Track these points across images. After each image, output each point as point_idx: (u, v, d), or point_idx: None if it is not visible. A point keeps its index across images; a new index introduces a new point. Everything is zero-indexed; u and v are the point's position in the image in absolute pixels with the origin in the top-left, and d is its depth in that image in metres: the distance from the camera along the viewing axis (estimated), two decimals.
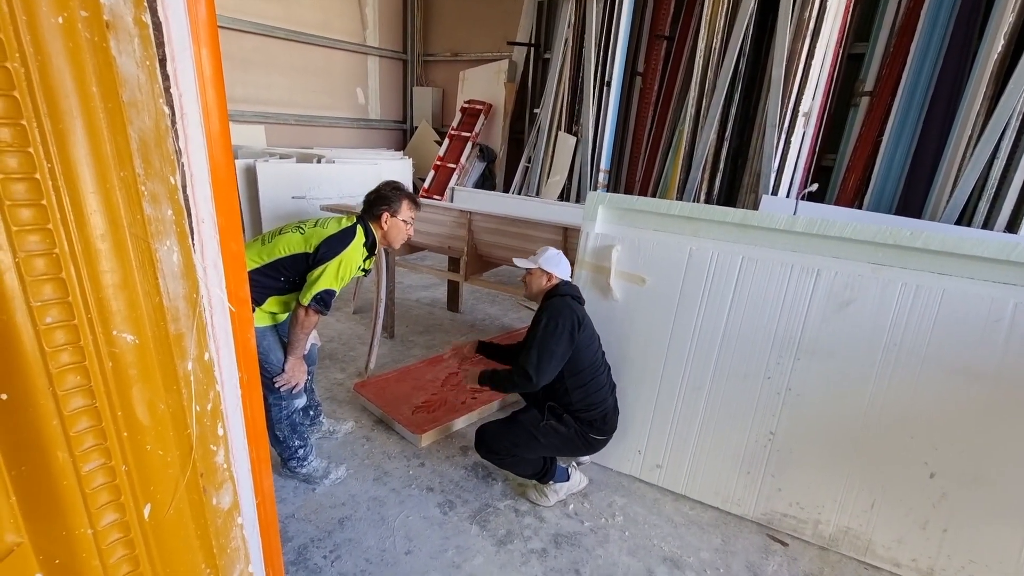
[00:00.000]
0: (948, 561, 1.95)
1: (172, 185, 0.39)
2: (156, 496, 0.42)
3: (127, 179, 0.36)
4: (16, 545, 0.36)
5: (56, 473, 0.37)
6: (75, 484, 0.38)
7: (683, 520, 2.25)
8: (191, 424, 0.44)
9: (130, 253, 0.38)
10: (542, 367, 2.00)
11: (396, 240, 2.29)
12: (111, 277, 0.37)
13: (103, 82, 0.34)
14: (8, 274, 0.33)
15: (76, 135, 0.32)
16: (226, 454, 0.49)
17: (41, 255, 0.34)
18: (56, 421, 0.36)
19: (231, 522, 0.50)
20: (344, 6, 8.22)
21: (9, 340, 0.33)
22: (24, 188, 0.32)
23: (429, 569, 1.92)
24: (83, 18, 0.33)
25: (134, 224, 0.38)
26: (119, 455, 0.39)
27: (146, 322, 0.39)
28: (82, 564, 0.39)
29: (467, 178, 7.72)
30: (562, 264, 2.23)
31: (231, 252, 0.71)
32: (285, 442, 2.24)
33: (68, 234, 0.34)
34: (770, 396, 2.18)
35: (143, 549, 0.42)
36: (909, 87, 4.47)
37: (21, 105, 0.31)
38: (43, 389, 0.35)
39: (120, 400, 0.39)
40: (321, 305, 2.05)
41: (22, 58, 0.30)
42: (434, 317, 4.43)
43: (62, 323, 0.35)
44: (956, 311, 1.88)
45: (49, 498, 0.37)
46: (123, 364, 0.39)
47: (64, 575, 0.38)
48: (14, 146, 0.31)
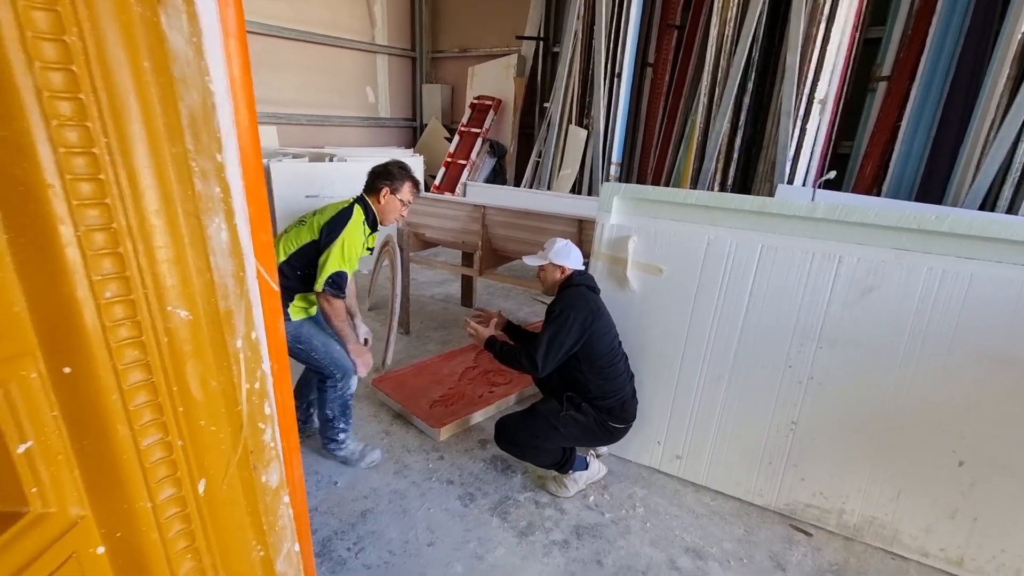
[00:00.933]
0: (979, 551, 1.92)
1: (219, 163, 0.40)
2: (210, 472, 0.43)
3: (178, 155, 0.36)
4: (80, 518, 0.36)
5: (117, 447, 0.38)
6: (135, 458, 0.38)
7: (705, 511, 2.24)
8: (242, 401, 0.44)
9: (182, 229, 0.38)
10: (549, 357, 2.03)
11: (388, 217, 2.34)
12: (165, 253, 0.38)
13: (155, 57, 0.34)
14: (70, 248, 0.33)
15: (130, 110, 0.32)
16: (273, 433, 0.50)
17: (100, 229, 0.34)
18: (116, 395, 0.37)
19: (278, 500, 0.50)
20: (352, 5, 8.24)
21: (72, 313, 0.34)
22: (84, 162, 0.32)
23: (452, 560, 1.93)
24: None
25: (186, 200, 0.38)
26: (175, 430, 0.40)
27: (198, 298, 0.40)
28: (142, 538, 0.40)
29: (478, 174, 7.71)
30: (572, 254, 2.22)
31: (261, 242, 0.71)
32: (333, 421, 2.31)
33: (124, 209, 0.34)
34: (792, 385, 2.16)
35: (199, 524, 0.42)
36: (928, 70, 4.38)
37: (79, 79, 0.31)
38: (104, 363, 0.36)
39: (175, 376, 0.40)
40: (335, 288, 2.10)
41: (79, 31, 0.30)
42: (449, 313, 4.44)
43: (120, 298, 0.36)
44: (984, 295, 1.84)
45: (111, 472, 0.38)
46: (177, 340, 0.39)
47: (125, 548, 0.39)
48: (74, 120, 0.31)
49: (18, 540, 0.33)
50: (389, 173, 2.31)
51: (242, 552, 0.47)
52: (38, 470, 0.35)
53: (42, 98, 0.30)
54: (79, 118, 0.31)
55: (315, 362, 2.23)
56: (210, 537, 0.43)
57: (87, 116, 0.31)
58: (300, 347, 2.18)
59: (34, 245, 0.32)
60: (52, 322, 0.33)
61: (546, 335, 2.04)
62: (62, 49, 0.30)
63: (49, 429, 0.35)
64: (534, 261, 2.26)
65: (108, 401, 0.36)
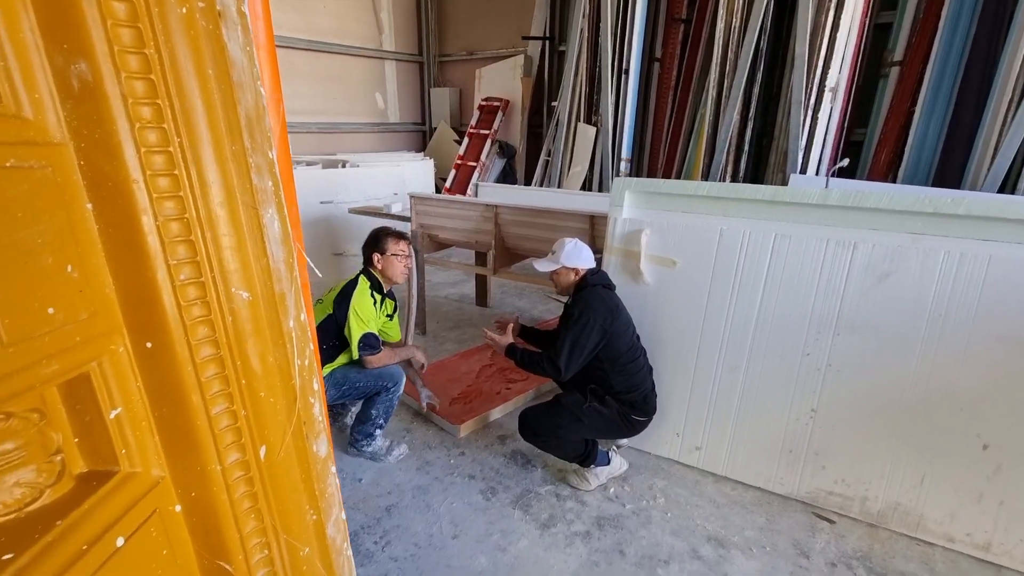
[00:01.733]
0: (1006, 535, 1.90)
1: (271, 159, 0.44)
2: (269, 439, 0.46)
3: (237, 152, 0.40)
4: (160, 479, 0.41)
5: (191, 414, 0.42)
6: (206, 425, 0.42)
7: (725, 500, 2.25)
8: (295, 376, 0.48)
9: (242, 219, 0.42)
10: (572, 360, 2.06)
11: (395, 275, 2.51)
12: (228, 240, 0.42)
13: (217, 64, 0.38)
14: (151, 236, 0.37)
15: (198, 112, 0.36)
16: (321, 407, 0.54)
17: (175, 219, 0.38)
18: (190, 368, 0.41)
19: (327, 470, 0.54)
20: (360, 12, 8.35)
21: (153, 295, 0.38)
22: (161, 160, 0.36)
23: (476, 552, 1.97)
24: (200, 9, 0.37)
25: (244, 192, 0.42)
26: (239, 401, 0.44)
27: (257, 281, 0.44)
28: (213, 498, 0.44)
29: (488, 175, 7.76)
30: (583, 253, 2.22)
31: (297, 235, 0.76)
32: (373, 420, 2.44)
33: (194, 201, 0.38)
34: (810, 373, 2.16)
35: (260, 487, 0.46)
36: (941, 54, 4.32)
37: (157, 86, 0.35)
38: (180, 339, 0.40)
39: (238, 351, 0.44)
40: (369, 349, 2.36)
41: (156, 44, 0.34)
42: (463, 313, 4.49)
43: (193, 280, 0.40)
44: (1004, 277, 1.83)
45: (185, 437, 0.42)
46: (240, 319, 0.43)
47: (198, 507, 0.43)
48: (153, 122, 0.35)
49: (112, 495, 0.37)
50: (373, 241, 2.51)
51: (297, 515, 0.51)
52: (126, 434, 0.39)
53: (127, 104, 0.34)
54: (157, 121, 0.35)
55: (366, 389, 2.41)
56: (271, 500, 0.47)
57: (163, 119, 0.35)
58: (346, 388, 2.39)
59: (122, 234, 0.36)
60: (136, 302, 0.37)
61: (567, 340, 2.06)
62: (143, 61, 0.34)
63: (134, 398, 0.39)
64: (546, 267, 2.26)
65: (184, 373, 0.41)
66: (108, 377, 0.37)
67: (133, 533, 0.37)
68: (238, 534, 0.46)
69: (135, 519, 0.38)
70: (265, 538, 0.48)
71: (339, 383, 2.36)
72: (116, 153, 0.35)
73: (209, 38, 0.37)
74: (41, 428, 0.33)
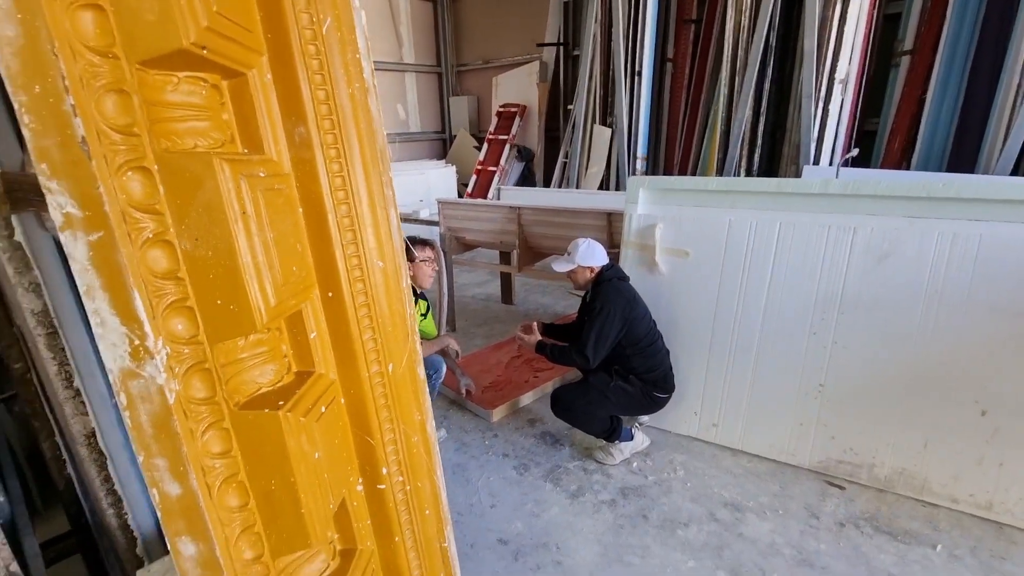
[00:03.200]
0: (1006, 494, 2.03)
1: (389, 177, 0.67)
2: (395, 359, 0.69)
3: (376, 173, 0.64)
4: (334, 380, 0.64)
5: (351, 339, 0.65)
6: (360, 346, 0.66)
7: (741, 471, 2.42)
8: (408, 319, 0.71)
9: (378, 214, 0.65)
10: (598, 349, 2.28)
11: (423, 279, 2.73)
12: (371, 229, 0.65)
13: (366, 118, 0.61)
14: (333, 227, 0.61)
15: (355, 149, 0.59)
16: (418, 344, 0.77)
17: (345, 216, 0.62)
18: (352, 309, 0.64)
19: (425, 388, 0.77)
20: (379, 27, 8.71)
21: (332, 262, 0.62)
22: (339, 181, 0.60)
23: (513, 519, 2.19)
24: (358, 88, 0.60)
25: (380, 198, 0.65)
26: (378, 331, 0.67)
27: (386, 255, 0.67)
28: (364, 395, 0.67)
29: (508, 179, 8.01)
30: (596, 252, 2.42)
31: None
32: None
33: (354, 204, 0.61)
34: (817, 350, 2.32)
35: (390, 390, 0.69)
36: (951, 41, 4.39)
37: (337, 137, 0.59)
38: (347, 291, 0.63)
39: (376, 300, 0.67)
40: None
41: (336, 112, 0.58)
42: (490, 310, 4.73)
43: (353, 254, 0.63)
44: (994, 254, 1.97)
45: (348, 354, 0.65)
46: (377, 280, 0.66)
47: (354, 402, 0.66)
48: (335, 159, 0.59)
49: (315, 384, 0.60)
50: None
51: (409, 413, 0.74)
52: (318, 349, 0.62)
53: (323, 149, 0.58)
54: (336, 157, 0.59)
55: None
56: (395, 400, 0.70)
57: (340, 155, 0.59)
58: None
59: (316, 225, 0.60)
60: (323, 267, 0.61)
61: (593, 331, 2.27)
62: (331, 123, 0.57)
63: (322, 327, 0.62)
64: (563, 267, 2.47)
65: (348, 312, 0.64)
66: (309, 313, 0.60)
67: (329, 404, 0.60)
68: (377, 420, 0.69)
69: (327, 398, 0.61)
70: (392, 424, 0.70)
71: None
72: (315, 177, 0.58)
73: (362, 105, 0.60)
74: (278, 341, 0.57)
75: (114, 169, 0.44)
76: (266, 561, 0.55)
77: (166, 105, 0.48)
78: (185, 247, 0.49)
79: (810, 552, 1.96)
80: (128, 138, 0.45)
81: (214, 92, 0.51)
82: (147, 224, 0.47)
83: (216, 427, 0.51)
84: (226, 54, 0.49)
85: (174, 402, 0.48)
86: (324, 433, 0.59)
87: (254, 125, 0.51)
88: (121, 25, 0.44)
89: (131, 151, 0.45)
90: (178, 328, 0.49)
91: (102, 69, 0.43)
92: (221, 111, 0.52)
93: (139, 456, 0.50)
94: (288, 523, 0.54)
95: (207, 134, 0.50)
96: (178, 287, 0.48)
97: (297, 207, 0.57)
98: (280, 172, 0.54)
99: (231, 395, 0.53)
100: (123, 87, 0.44)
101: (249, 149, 0.52)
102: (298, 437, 0.54)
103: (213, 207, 0.49)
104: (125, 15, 0.44)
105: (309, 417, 0.55)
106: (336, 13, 0.55)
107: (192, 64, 0.49)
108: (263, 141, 0.52)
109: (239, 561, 0.53)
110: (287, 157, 0.55)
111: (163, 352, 0.47)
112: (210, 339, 0.51)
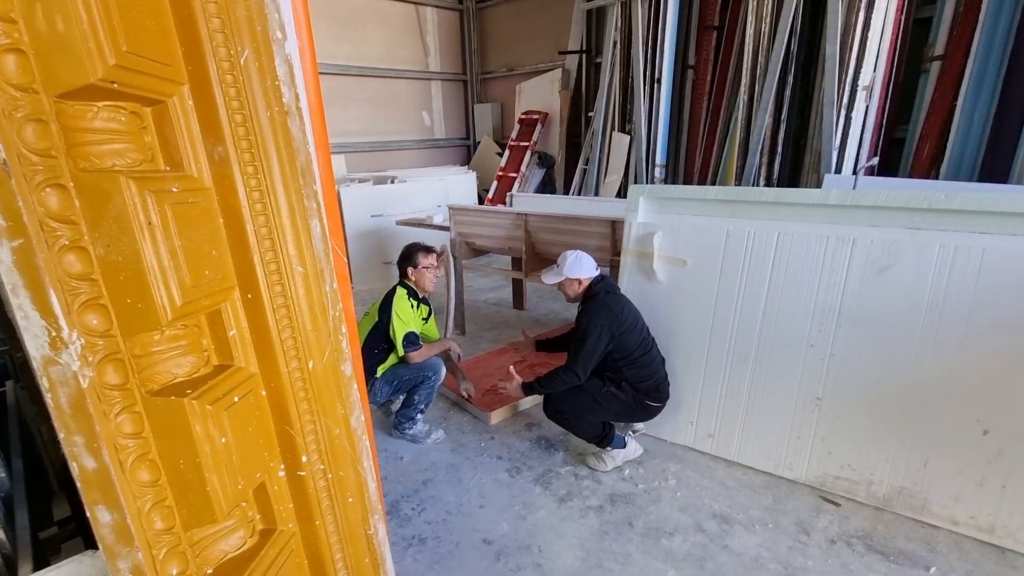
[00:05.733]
0: (1009, 517, 1.95)
1: (314, 190, 0.73)
2: (314, 356, 0.76)
3: (296, 189, 0.70)
4: (254, 373, 0.71)
5: (270, 336, 0.72)
6: (279, 343, 0.72)
7: (735, 483, 2.39)
8: (330, 320, 0.77)
9: (298, 224, 0.72)
10: (587, 366, 2.31)
11: (426, 284, 2.88)
12: (291, 239, 0.72)
13: (285, 139, 0.68)
14: (251, 235, 0.68)
15: (275, 167, 0.66)
16: (348, 343, 0.83)
17: (264, 227, 0.69)
18: (271, 309, 0.71)
19: (351, 384, 0.82)
20: (407, 38, 8.94)
21: (251, 267, 0.68)
22: (257, 195, 0.67)
23: (499, 520, 2.23)
24: (276, 111, 0.67)
25: (300, 210, 0.72)
26: (298, 330, 0.73)
27: (307, 262, 0.73)
28: (283, 389, 0.74)
29: (528, 185, 8.06)
30: (584, 264, 2.42)
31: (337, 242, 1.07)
32: (415, 405, 2.77)
33: (273, 216, 0.68)
34: (814, 363, 2.28)
35: (310, 385, 0.76)
36: (984, 45, 4.21)
37: (255, 155, 0.66)
38: (265, 293, 0.69)
39: (296, 302, 0.73)
40: (412, 345, 2.70)
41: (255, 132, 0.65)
42: (501, 315, 4.79)
43: (272, 260, 0.70)
44: (998, 267, 1.91)
45: (267, 349, 0.72)
46: (297, 284, 0.72)
47: (273, 395, 0.73)
48: (253, 175, 0.66)
49: (232, 375, 0.67)
50: (405, 257, 2.86)
51: (332, 407, 0.80)
52: (239, 345, 0.69)
53: (241, 166, 0.65)
54: (254, 174, 0.65)
55: (413, 380, 2.75)
56: (315, 395, 0.76)
57: (258, 172, 0.65)
58: (396, 383, 2.75)
59: (236, 235, 0.67)
60: (243, 271, 0.68)
61: (579, 350, 2.30)
62: (249, 143, 0.64)
63: (242, 325, 0.69)
64: (551, 279, 2.51)
65: (267, 312, 0.70)
66: (229, 312, 0.67)
67: (243, 396, 0.67)
68: (296, 412, 0.75)
69: (243, 390, 0.68)
70: (312, 417, 0.77)
71: (390, 380, 2.74)
72: (234, 191, 0.65)
73: (281, 126, 0.67)
74: (198, 336, 0.63)
75: (33, 186, 0.52)
76: (177, 532, 0.61)
77: (86, 131, 0.56)
78: (99, 253, 0.56)
79: (796, 568, 1.92)
80: (46, 160, 0.53)
81: (134, 118, 0.59)
82: (63, 232, 0.54)
83: (129, 411, 0.58)
84: (141, 86, 0.57)
85: (88, 387, 0.55)
86: (236, 420, 0.65)
87: (174, 145, 0.59)
88: (40, 65, 0.51)
89: (48, 171, 0.53)
90: (93, 323, 0.57)
91: (22, 102, 0.51)
92: (143, 134, 0.59)
93: (60, 433, 0.57)
94: (196, 499, 0.61)
95: (125, 155, 0.58)
96: (92, 287, 0.56)
97: (216, 217, 0.64)
98: (199, 187, 0.61)
99: (144, 383, 0.60)
100: (41, 117, 0.52)
101: (170, 167, 0.60)
102: (204, 423, 0.60)
103: (121, 218, 0.56)
104: (43, 57, 0.52)
105: (218, 405, 0.62)
106: (255, 45, 0.62)
107: (109, 95, 0.56)
108: (183, 159, 0.59)
109: (151, 531, 0.59)
110: (208, 173, 0.62)
111: (77, 343, 0.55)
112: (123, 333, 0.58)
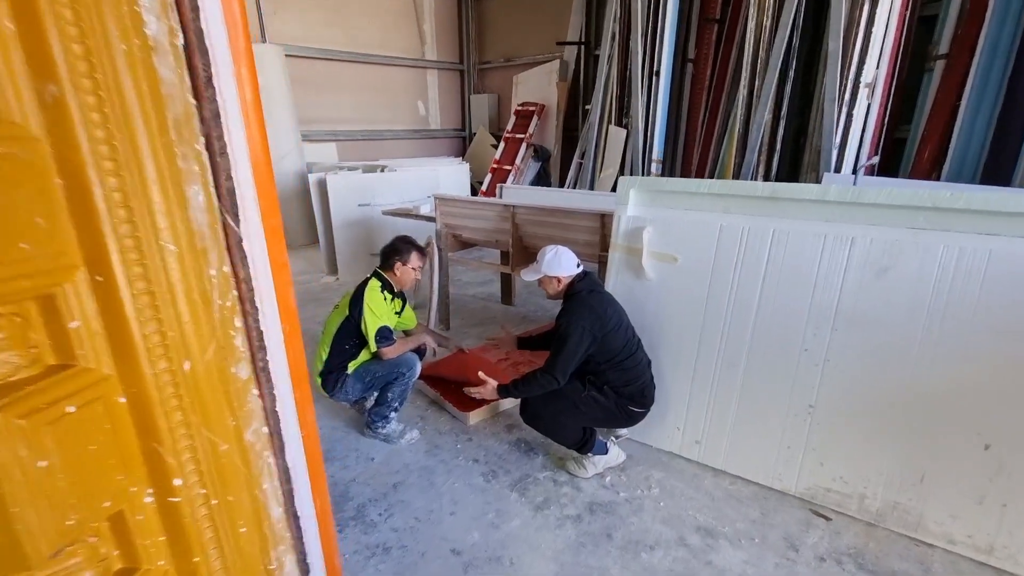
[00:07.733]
0: (1010, 538, 1.84)
1: (197, 150, 0.59)
2: (192, 356, 0.62)
3: (167, 144, 0.56)
4: (109, 375, 0.57)
5: (129, 331, 0.58)
6: (141, 339, 0.58)
7: (722, 494, 2.27)
8: (215, 312, 0.63)
9: (170, 192, 0.58)
10: (567, 369, 2.17)
11: (407, 283, 2.74)
12: (160, 206, 0.58)
13: (150, 82, 0.54)
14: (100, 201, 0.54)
15: (135, 116, 0.52)
16: (244, 340, 0.69)
17: (117, 191, 0.55)
18: (128, 296, 0.57)
19: (247, 390, 0.69)
20: (403, 24, 8.75)
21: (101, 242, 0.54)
22: (107, 150, 0.52)
23: (471, 528, 2.10)
24: (137, 45, 0.53)
25: (173, 173, 0.58)
26: (170, 324, 0.60)
27: (182, 238, 0.59)
28: (148, 396, 0.60)
29: (523, 178, 7.91)
30: (564, 261, 2.28)
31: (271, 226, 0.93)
32: (389, 403, 2.63)
33: (130, 176, 0.54)
34: (808, 368, 2.15)
35: (185, 390, 0.62)
36: (989, 45, 4.09)
37: (103, 100, 0.51)
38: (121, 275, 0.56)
39: (168, 287, 0.59)
40: (386, 341, 2.56)
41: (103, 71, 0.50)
42: (488, 311, 4.65)
43: (130, 235, 0.56)
44: (1005, 271, 1.78)
45: (127, 346, 0.58)
46: (169, 265, 0.59)
47: (137, 400, 0.59)
48: (100, 124, 0.51)
49: (68, 379, 0.53)
50: (397, 250, 2.69)
51: (219, 418, 0.66)
52: (83, 340, 0.55)
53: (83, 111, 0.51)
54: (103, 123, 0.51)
55: (386, 377, 2.60)
56: (193, 404, 0.63)
57: (108, 121, 0.51)
58: (369, 380, 2.60)
59: (79, 200, 0.52)
60: (90, 247, 0.54)
61: (559, 352, 2.16)
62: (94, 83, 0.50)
63: (90, 314, 0.55)
64: (529, 276, 2.37)
65: (122, 298, 0.56)
66: (70, 298, 0.53)
67: (83, 405, 0.53)
68: (167, 424, 0.61)
69: (85, 397, 0.54)
70: (189, 431, 0.63)
71: (362, 377, 2.59)
72: (73, 145, 0.51)
73: (144, 65, 0.53)
74: (22, 327, 0.50)
75: None
76: None
77: None
78: None
79: None
80: None
81: None
82: None
83: None
84: None
85: None
86: (68, 437, 0.52)
87: None
88: None
89: None
90: None
91: None
92: None
93: None
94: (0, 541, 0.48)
95: None
96: None
97: (48, 177, 0.49)
98: (21, 135, 0.47)
99: None
100: None
101: None
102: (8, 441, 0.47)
103: None
104: None
105: (35, 419, 0.48)
106: None
107: None
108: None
109: None
110: (38, 120, 0.48)
111: None
112: None
